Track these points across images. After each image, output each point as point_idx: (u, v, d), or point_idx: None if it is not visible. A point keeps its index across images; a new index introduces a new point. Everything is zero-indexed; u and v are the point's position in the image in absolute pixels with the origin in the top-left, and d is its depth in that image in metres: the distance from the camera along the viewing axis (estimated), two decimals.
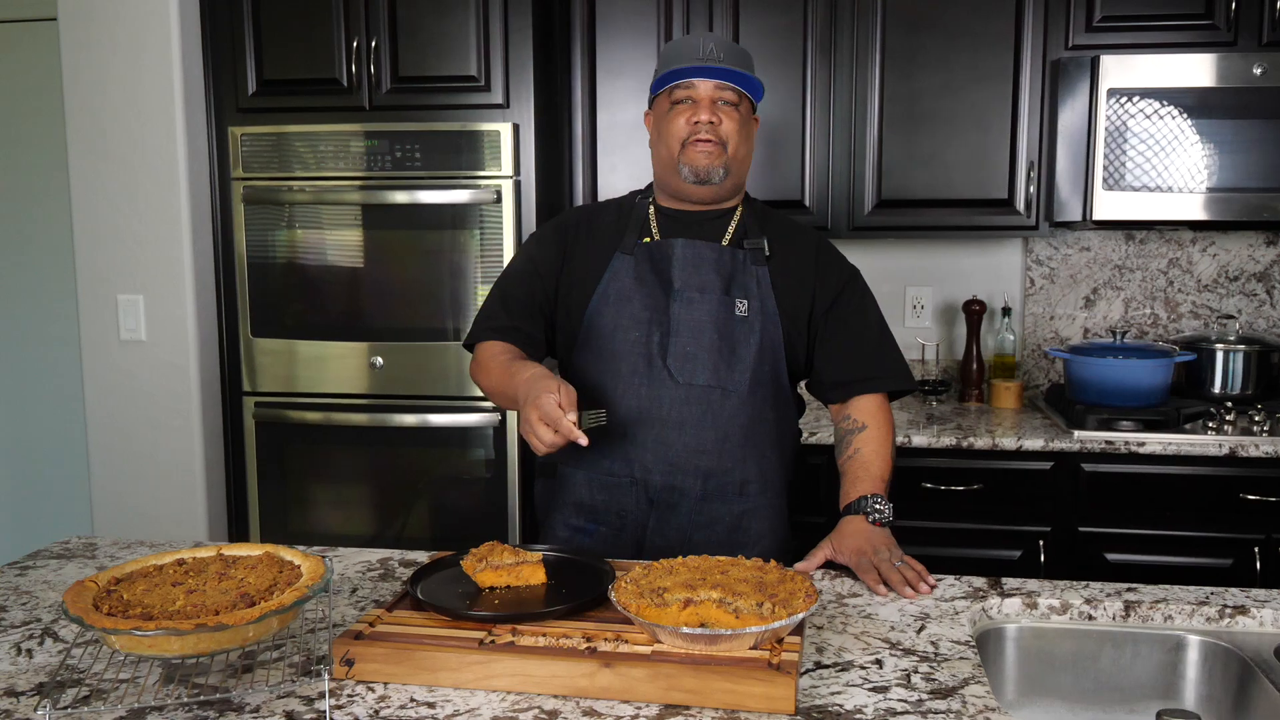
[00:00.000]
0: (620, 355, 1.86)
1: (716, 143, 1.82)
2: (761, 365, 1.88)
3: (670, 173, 1.88)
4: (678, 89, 1.84)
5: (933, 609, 1.57)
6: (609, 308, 1.87)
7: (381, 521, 3.07)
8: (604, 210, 2.00)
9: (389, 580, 1.69)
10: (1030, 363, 3.40)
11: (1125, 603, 1.61)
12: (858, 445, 1.88)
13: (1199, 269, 3.27)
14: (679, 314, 1.85)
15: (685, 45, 1.84)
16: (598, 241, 1.93)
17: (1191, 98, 2.82)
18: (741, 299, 1.86)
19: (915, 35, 2.98)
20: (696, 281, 1.87)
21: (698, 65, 1.81)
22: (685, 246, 1.88)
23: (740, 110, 1.85)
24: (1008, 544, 2.81)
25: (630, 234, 1.91)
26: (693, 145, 1.82)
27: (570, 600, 1.46)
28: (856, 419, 1.91)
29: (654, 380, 1.84)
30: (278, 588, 1.30)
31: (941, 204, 3.04)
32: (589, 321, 1.89)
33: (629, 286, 1.87)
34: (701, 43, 1.83)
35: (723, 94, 1.83)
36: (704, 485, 1.86)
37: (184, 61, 2.93)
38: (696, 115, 1.81)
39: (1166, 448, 2.71)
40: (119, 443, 3.07)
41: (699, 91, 1.82)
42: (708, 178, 1.84)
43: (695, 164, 1.83)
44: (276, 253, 3.02)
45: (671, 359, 1.84)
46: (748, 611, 1.35)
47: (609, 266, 1.89)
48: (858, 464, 1.86)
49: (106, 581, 1.31)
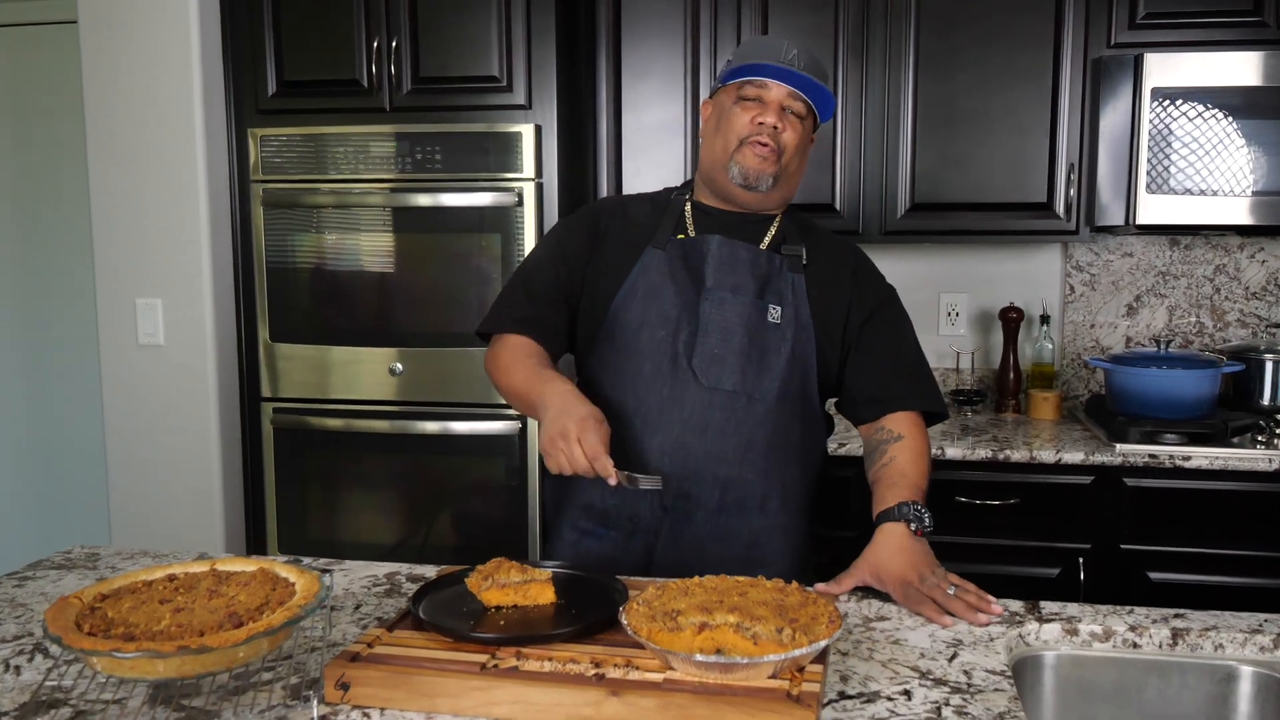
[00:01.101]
0: (644, 352, 1.78)
1: (774, 149, 1.75)
2: (791, 375, 1.79)
3: (719, 169, 1.80)
4: (749, 85, 1.76)
5: (966, 635, 1.48)
6: (637, 302, 1.79)
7: (402, 531, 3.01)
8: (637, 202, 1.92)
9: (394, 596, 1.62)
10: (1069, 372, 3.28)
11: (1173, 630, 1.51)
12: (893, 454, 1.78)
13: (1247, 276, 3.15)
14: (709, 313, 1.77)
15: (766, 44, 1.78)
16: (630, 233, 1.85)
17: (1239, 97, 2.71)
18: (775, 305, 1.78)
19: (950, 34, 2.89)
20: (730, 281, 1.78)
21: (777, 66, 1.74)
22: (722, 244, 1.80)
23: (804, 124, 1.79)
24: (1046, 561, 2.70)
25: (665, 228, 1.84)
26: (750, 145, 1.75)
27: (580, 621, 1.39)
28: (891, 429, 1.82)
29: (677, 381, 1.76)
30: (269, 607, 1.23)
31: (978, 208, 2.94)
32: (614, 315, 1.81)
33: (659, 282, 1.79)
34: (785, 46, 1.76)
35: (793, 103, 1.76)
36: (721, 496, 1.77)
37: (203, 63, 2.90)
38: (763, 116, 1.74)
39: (1213, 462, 2.59)
40: (136, 448, 3.03)
41: (771, 93, 1.75)
42: (756, 183, 1.77)
43: (747, 165, 1.76)
44: (296, 256, 2.98)
45: (697, 360, 1.76)
46: (767, 637, 1.26)
47: (640, 260, 1.81)
48: (894, 471, 1.76)
49: (92, 598, 1.26)
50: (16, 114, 3.76)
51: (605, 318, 1.82)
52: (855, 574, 1.64)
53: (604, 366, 1.83)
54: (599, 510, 1.83)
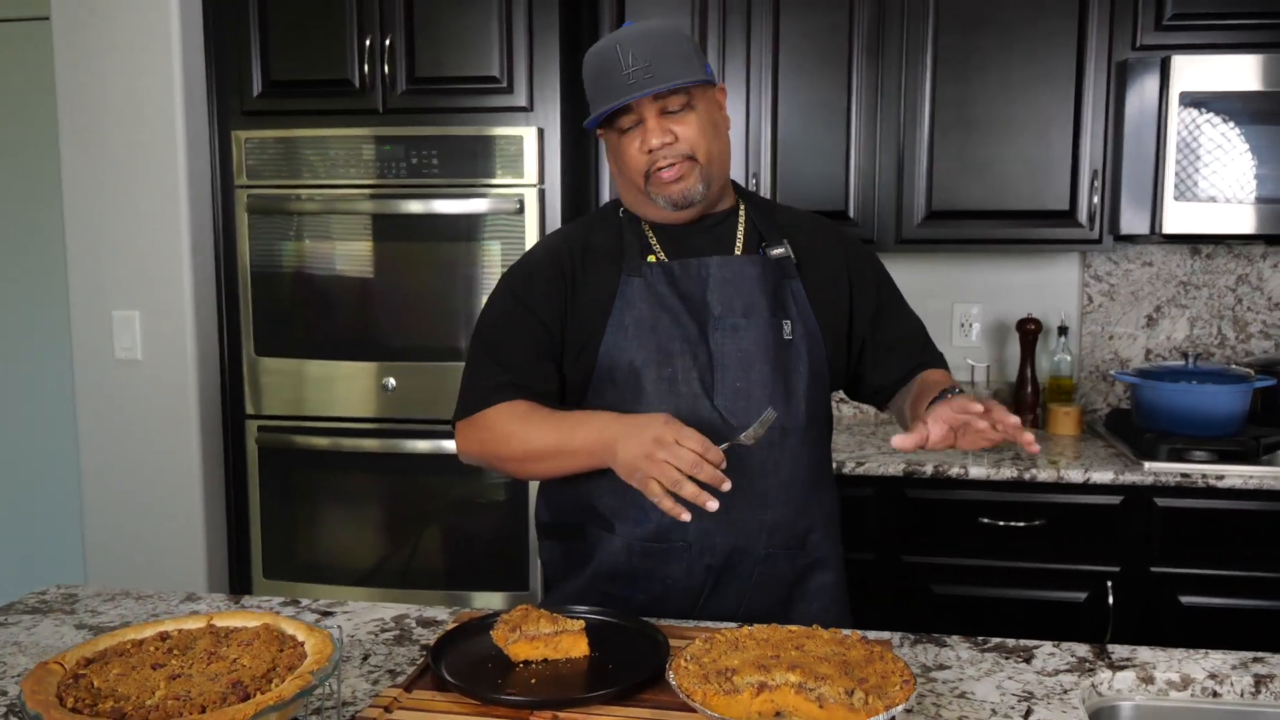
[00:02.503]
0: (653, 396, 1.57)
1: (681, 161, 1.55)
2: (813, 395, 1.64)
3: (644, 204, 1.62)
4: (618, 116, 1.56)
5: (1036, 685, 1.35)
6: (628, 340, 1.58)
7: (394, 555, 2.86)
8: (596, 227, 1.69)
9: (405, 644, 1.47)
10: (1087, 385, 3.17)
11: (1255, 677, 1.39)
12: (925, 376, 1.67)
13: (1270, 286, 3.05)
14: (722, 344, 1.59)
15: (605, 63, 1.54)
16: (600, 264, 1.63)
17: (1268, 102, 2.61)
18: (786, 320, 1.62)
19: (970, 35, 2.77)
20: (740, 305, 1.60)
21: (625, 88, 1.51)
22: (722, 265, 1.61)
23: (697, 106, 1.56)
24: (1073, 585, 2.59)
25: (631, 252, 1.62)
26: (657, 175, 1.56)
27: (618, 677, 1.26)
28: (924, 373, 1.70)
29: (704, 425, 1.51)
30: (276, 673, 1.09)
31: (997, 215, 2.82)
32: (606, 359, 1.59)
33: (649, 313, 1.59)
34: (620, 54, 1.52)
35: (666, 103, 1.54)
36: (768, 542, 1.61)
37: (185, 61, 2.75)
38: (647, 143, 1.54)
39: (1248, 481, 2.48)
40: (113, 469, 2.88)
41: (641, 112, 1.54)
42: (687, 201, 1.58)
43: (668, 193, 1.57)
44: (283, 266, 2.82)
45: (720, 398, 1.58)
46: (834, 700, 1.14)
47: (618, 292, 1.60)
48: (929, 381, 1.64)
49: (75, 663, 1.11)
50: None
51: (597, 361, 1.60)
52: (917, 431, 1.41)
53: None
54: (625, 574, 1.62)
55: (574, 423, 1.52)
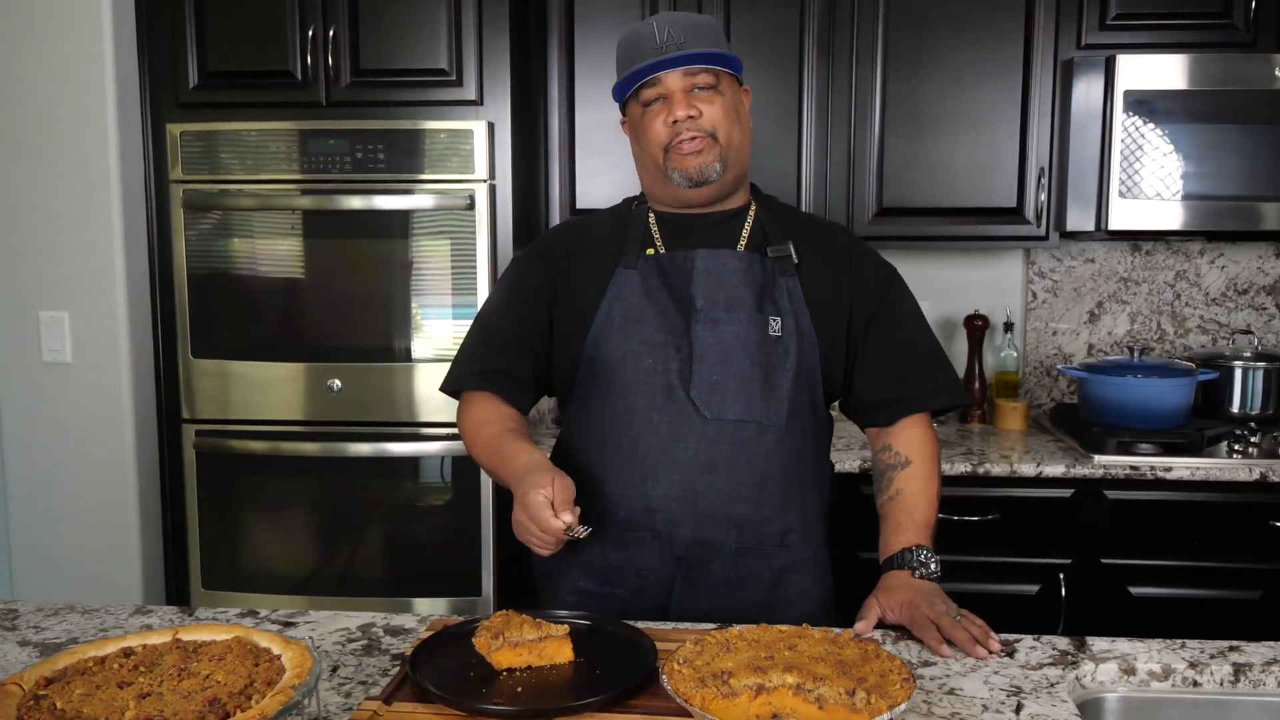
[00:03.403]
0: (634, 387, 1.60)
1: (703, 136, 1.57)
2: (799, 394, 1.63)
3: (661, 182, 1.64)
4: (644, 88, 1.58)
5: (1022, 680, 1.34)
6: (615, 332, 1.61)
7: (337, 561, 2.78)
8: (596, 223, 1.75)
9: (375, 654, 1.41)
10: (1032, 380, 3.21)
11: (1234, 665, 1.40)
12: (900, 485, 1.65)
13: (1207, 281, 3.12)
14: (702, 337, 1.59)
15: (639, 36, 1.59)
16: (593, 258, 1.67)
17: (1210, 101, 2.66)
18: (774, 316, 1.61)
19: (919, 32, 2.78)
20: (722, 298, 1.61)
21: (657, 58, 1.55)
22: (707, 258, 1.62)
23: (722, 90, 1.59)
24: (1026, 578, 2.61)
25: (631, 246, 1.65)
26: (677, 148, 1.58)
27: (605, 682, 1.22)
28: (899, 452, 1.68)
29: (676, 416, 1.58)
30: (255, 688, 1.03)
31: (947, 213, 2.84)
32: (591, 349, 1.63)
33: (636, 306, 1.62)
34: (656, 28, 1.57)
35: (695, 79, 1.57)
36: (739, 538, 1.60)
37: (117, 51, 2.63)
38: (672, 114, 1.57)
39: (1194, 473, 2.53)
40: (42, 476, 2.75)
41: (668, 85, 1.57)
42: (704, 178, 1.60)
43: (685, 167, 1.59)
44: (220, 264, 2.72)
45: (696, 390, 1.58)
46: (833, 701, 1.11)
47: (610, 284, 1.63)
48: (899, 508, 1.64)
49: (35, 683, 1.03)
50: None
51: (583, 353, 1.64)
52: (870, 611, 1.51)
53: (590, 406, 1.65)
54: (600, 567, 1.64)
55: (500, 459, 1.57)
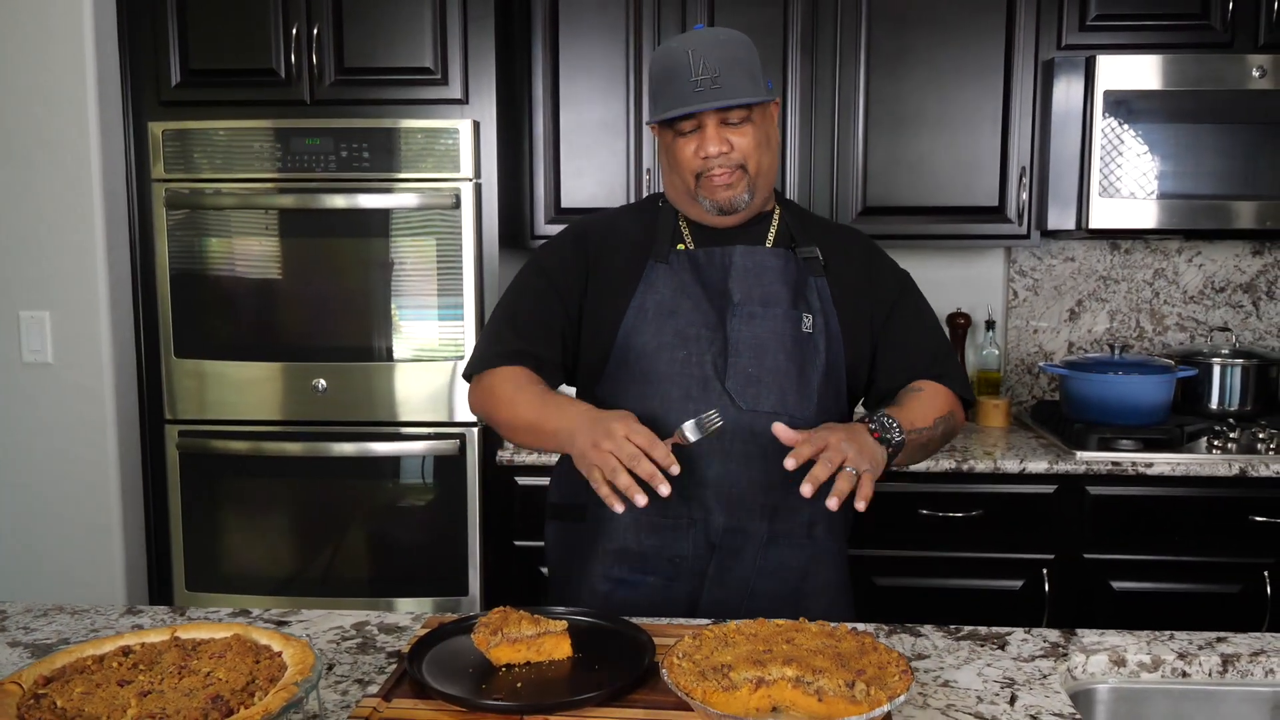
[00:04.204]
0: (668, 377, 1.62)
1: (734, 170, 1.61)
2: (827, 390, 1.67)
3: (689, 204, 1.68)
4: (678, 120, 1.60)
5: (1015, 671, 1.36)
6: (648, 324, 1.64)
7: (321, 561, 2.76)
8: (623, 215, 1.78)
9: (370, 652, 1.41)
10: (1013, 378, 3.24)
11: (1221, 656, 1.42)
12: (902, 395, 1.67)
13: (1185, 280, 3.16)
14: (739, 331, 1.62)
15: (675, 65, 1.57)
16: (625, 249, 1.70)
17: (1188, 101, 2.69)
18: (807, 314, 1.64)
19: (902, 32, 2.80)
20: (759, 294, 1.64)
21: (694, 99, 1.55)
22: (746, 254, 1.66)
23: (755, 118, 1.61)
24: (1009, 573, 2.63)
25: (663, 239, 1.68)
26: (709, 179, 1.61)
27: (604, 677, 1.22)
28: (916, 384, 1.69)
29: (711, 406, 1.58)
30: (257, 685, 1.02)
31: (929, 211, 2.86)
32: (624, 340, 1.65)
33: (670, 299, 1.64)
34: (691, 60, 1.55)
35: (728, 115, 1.59)
36: (771, 527, 1.62)
37: (98, 48, 2.61)
38: (704, 149, 1.59)
39: (1175, 468, 2.56)
40: (22, 477, 2.72)
41: (701, 120, 1.59)
42: (733, 208, 1.64)
43: (716, 198, 1.63)
44: (203, 263, 2.70)
45: (731, 382, 1.61)
46: (833, 692, 1.12)
47: (643, 277, 1.66)
48: (907, 395, 1.66)
49: (34, 682, 1.02)
50: None
51: (614, 343, 1.66)
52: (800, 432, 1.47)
53: (622, 395, 1.65)
54: (635, 554, 1.65)
55: (554, 406, 1.54)
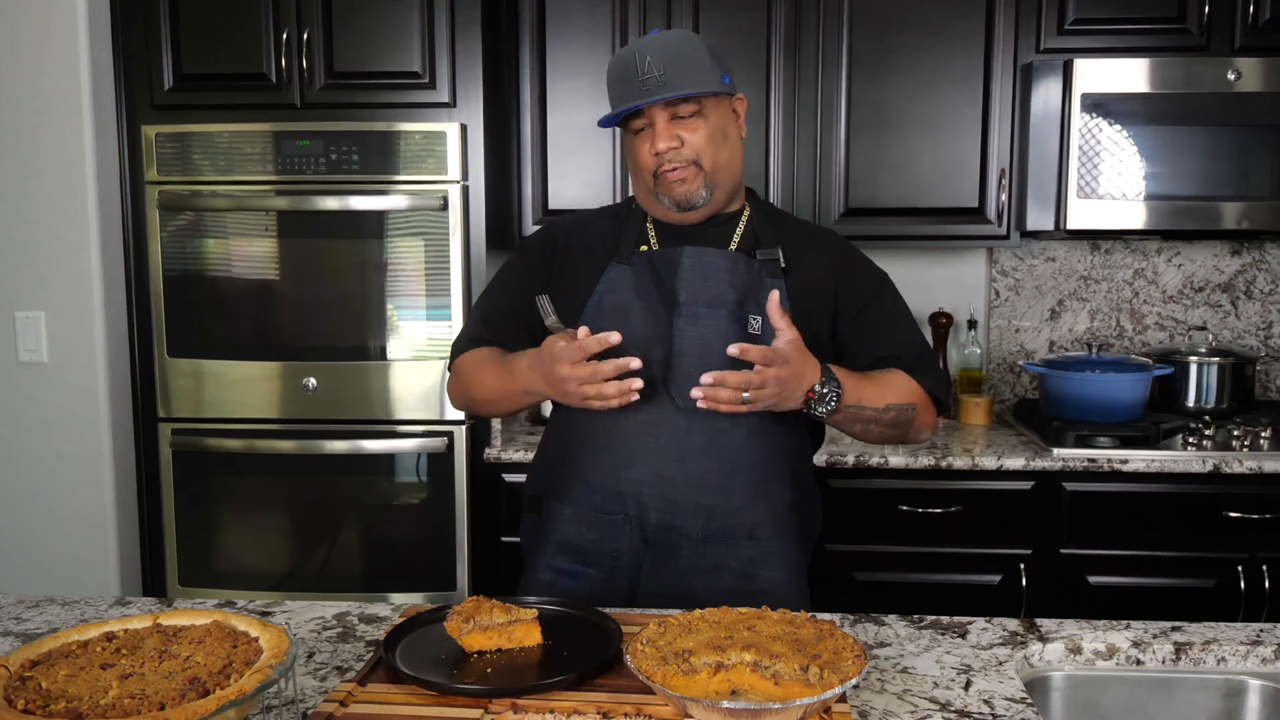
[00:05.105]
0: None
1: (686, 165, 1.64)
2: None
3: (652, 202, 1.72)
4: (631, 118, 1.65)
5: (973, 658, 1.41)
6: (604, 322, 1.66)
7: (314, 558, 2.81)
8: (598, 217, 1.82)
9: (350, 641, 1.46)
10: (995, 376, 3.29)
11: (1175, 644, 1.47)
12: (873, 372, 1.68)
13: (1164, 279, 3.20)
14: (684, 331, 1.66)
15: (624, 66, 1.63)
16: (590, 250, 1.75)
17: (1165, 103, 2.74)
18: (755, 315, 1.67)
19: (884, 36, 2.85)
20: (705, 295, 1.67)
21: (639, 93, 1.60)
22: (693, 255, 1.69)
23: (707, 114, 1.64)
24: (988, 568, 2.68)
25: (627, 242, 1.73)
26: (664, 176, 1.65)
27: (572, 663, 1.27)
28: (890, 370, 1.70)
29: (654, 406, 1.64)
30: (234, 668, 1.07)
31: (911, 213, 2.91)
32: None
33: (626, 299, 1.68)
34: (638, 59, 1.60)
35: (677, 109, 1.62)
36: (706, 525, 1.66)
37: (92, 53, 2.65)
38: (655, 146, 1.63)
39: (1150, 465, 2.61)
40: (18, 474, 2.76)
41: (651, 116, 1.63)
42: (690, 204, 1.67)
43: (672, 194, 1.66)
44: (196, 264, 2.75)
45: (673, 382, 1.65)
46: (789, 676, 1.17)
47: (603, 277, 1.71)
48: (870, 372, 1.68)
49: (20, 665, 1.07)
50: None
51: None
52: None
53: None
54: (575, 547, 1.71)
55: (508, 369, 1.65)
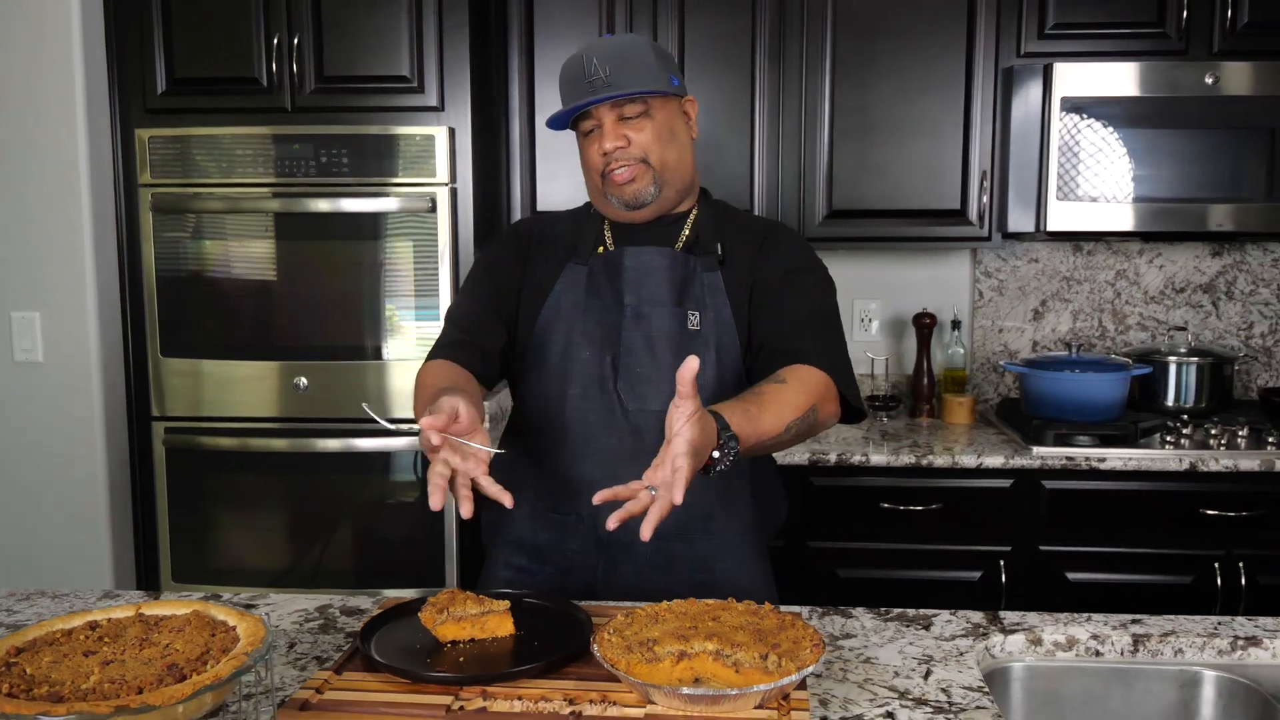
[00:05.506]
0: (570, 377, 1.70)
1: (634, 164, 1.65)
2: (721, 384, 1.68)
3: (603, 202, 1.74)
4: (580, 120, 1.68)
5: (935, 650, 1.44)
6: (560, 322, 1.71)
7: (305, 555, 2.85)
8: (560, 219, 1.85)
9: (330, 632, 1.50)
10: (979, 376, 3.33)
11: (1133, 636, 1.51)
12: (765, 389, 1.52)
13: (1146, 280, 3.24)
14: (629, 332, 1.69)
15: (572, 69, 1.65)
16: (552, 250, 1.77)
17: (1143, 107, 2.78)
18: (693, 310, 1.68)
19: (867, 41, 2.89)
20: (647, 295, 1.70)
21: (586, 95, 1.62)
22: (633, 256, 1.72)
23: (654, 115, 1.66)
24: (968, 565, 2.72)
25: (585, 243, 1.75)
26: (611, 176, 1.67)
27: (544, 654, 1.30)
28: (781, 374, 1.56)
29: (605, 405, 1.68)
30: (211, 655, 1.11)
31: (894, 214, 2.95)
32: (539, 337, 1.73)
33: (581, 300, 1.72)
34: (586, 62, 1.63)
35: (623, 110, 1.64)
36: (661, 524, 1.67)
37: (86, 57, 2.70)
38: (602, 146, 1.65)
39: (1127, 463, 2.64)
40: (13, 473, 2.81)
41: (599, 117, 1.65)
42: (639, 202, 1.68)
43: (621, 195, 1.68)
44: (188, 266, 2.79)
45: (622, 382, 1.68)
46: (749, 665, 1.21)
47: (560, 277, 1.74)
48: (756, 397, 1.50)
49: (6, 652, 1.11)
50: None
51: (532, 340, 1.74)
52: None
53: (533, 390, 1.75)
54: (530, 545, 1.74)
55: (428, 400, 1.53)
